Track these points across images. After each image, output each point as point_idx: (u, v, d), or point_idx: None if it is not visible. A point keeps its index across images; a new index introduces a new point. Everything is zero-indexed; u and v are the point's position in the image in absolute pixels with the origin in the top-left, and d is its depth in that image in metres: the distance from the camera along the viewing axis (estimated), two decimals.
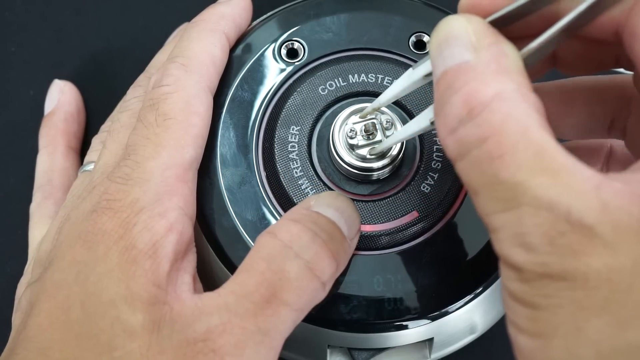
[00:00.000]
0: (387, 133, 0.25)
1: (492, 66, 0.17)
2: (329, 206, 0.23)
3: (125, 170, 0.23)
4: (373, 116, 0.25)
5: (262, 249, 0.21)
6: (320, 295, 0.22)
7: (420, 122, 0.21)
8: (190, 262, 0.23)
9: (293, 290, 0.20)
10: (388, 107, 0.25)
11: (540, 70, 0.22)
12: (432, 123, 0.21)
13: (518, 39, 0.18)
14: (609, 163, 0.25)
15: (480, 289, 0.25)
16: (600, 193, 0.15)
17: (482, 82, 0.16)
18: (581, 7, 0.17)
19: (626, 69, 0.21)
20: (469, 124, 0.16)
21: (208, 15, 0.27)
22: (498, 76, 0.16)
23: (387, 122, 0.25)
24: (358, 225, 0.24)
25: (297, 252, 0.21)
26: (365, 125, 0.25)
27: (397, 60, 0.28)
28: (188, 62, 0.25)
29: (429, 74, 0.20)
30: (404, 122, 0.26)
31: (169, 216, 0.22)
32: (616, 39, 0.19)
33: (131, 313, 0.20)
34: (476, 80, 0.16)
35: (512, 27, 0.19)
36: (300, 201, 0.25)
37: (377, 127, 0.25)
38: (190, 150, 0.24)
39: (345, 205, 0.23)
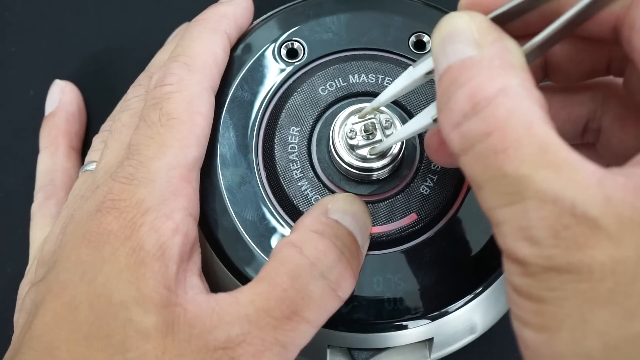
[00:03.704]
0: (387, 132, 0.25)
1: (496, 62, 0.17)
2: (347, 213, 0.23)
3: (129, 170, 0.23)
4: (372, 116, 0.25)
5: (287, 262, 0.21)
6: (337, 308, 0.22)
7: (421, 120, 0.21)
8: (195, 263, 0.23)
9: (315, 310, 0.21)
10: (387, 106, 0.25)
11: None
12: (434, 121, 0.21)
13: (518, 38, 0.18)
14: None
15: (480, 289, 0.25)
16: (604, 187, 0.15)
17: (487, 77, 0.16)
18: (584, 2, 0.17)
19: (617, 75, 0.21)
20: (473, 119, 0.16)
21: (210, 15, 0.27)
22: (502, 71, 0.16)
23: (386, 121, 0.25)
24: (370, 231, 0.24)
25: (322, 272, 0.21)
26: (364, 125, 0.25)
27: (397, 60, 0.28)
28: (191, 62, 0.25)
29: (430, 72, 0.20)
30: (404, 121, 0.26)
31: (175, 217, 0.22)
32: (613, 35, 0.19)
33: (144, 315, 0.20)
34: (481, 75, 0.16)
35: (511, 26, 0.19)
36: (300, 202, 0.25)
37: (377, 127, 0.25)
38: (194, 150, 0.24)
39: (361, 212, 0.23)
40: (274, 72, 0.28)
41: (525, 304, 0.16)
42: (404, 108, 0.27)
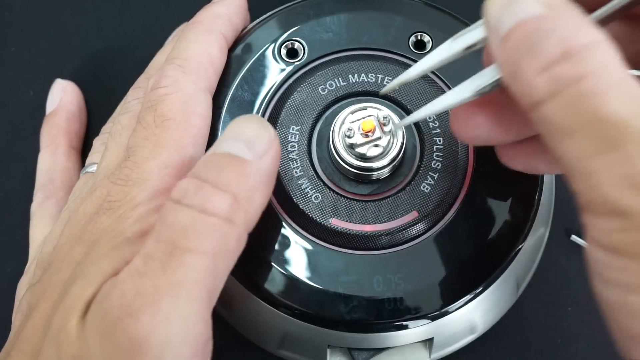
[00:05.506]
0: (385, 129, 0.25)
1: (576, 18, 0.16)
2: (223, 140, 0.21)
3: (125, 172, 0.23)
4: (370, 113, 0.25)
5: (160, 214, 0.20)
6: (232, 232, 0.20)
7: (460, 94, 0.20)
8: None
9: (190, 236, 0.19)
10: (385, 104, 0.25)
11: None
12: (476, 93, 0.20)
13: None
14: None
15: (480, 289, 0.25)
16: None
17: (575, 28, 0.16)
18: None
19: None
20: (565, 62, 0.16)
21: (203, 16, 0.27)
22: (587, 26, 0.16)
23: (384, 118, 0.25)
24: (265, 138, 0.21)
25: (187, 203, 0.20)
26: (362, 123, 0.25)
27: (397, 60, 0.28)
28: (185, 64, 0.25)
29: (471, 46, 0.20)
30: (401, 118, 0.26)
31: None
32: None
33: None
34: (568, 26, 0.16)
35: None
36: (300, 201, 0.25)
37: (375, 124, 0.25)
38: (190, 150, 0.24)
39: (243, 127, 0.22)
40: (274, 72, 0.28)
41: (629, 264, 0.15)
42: (404, 107, 0.27)
